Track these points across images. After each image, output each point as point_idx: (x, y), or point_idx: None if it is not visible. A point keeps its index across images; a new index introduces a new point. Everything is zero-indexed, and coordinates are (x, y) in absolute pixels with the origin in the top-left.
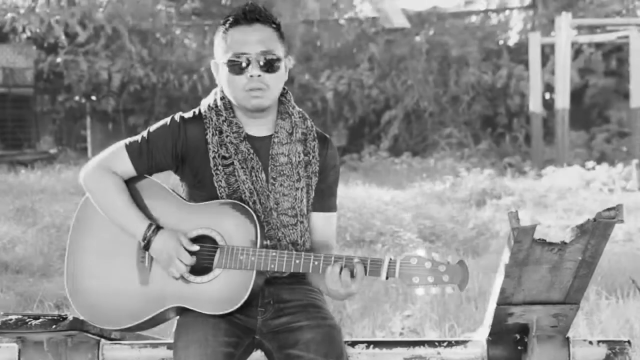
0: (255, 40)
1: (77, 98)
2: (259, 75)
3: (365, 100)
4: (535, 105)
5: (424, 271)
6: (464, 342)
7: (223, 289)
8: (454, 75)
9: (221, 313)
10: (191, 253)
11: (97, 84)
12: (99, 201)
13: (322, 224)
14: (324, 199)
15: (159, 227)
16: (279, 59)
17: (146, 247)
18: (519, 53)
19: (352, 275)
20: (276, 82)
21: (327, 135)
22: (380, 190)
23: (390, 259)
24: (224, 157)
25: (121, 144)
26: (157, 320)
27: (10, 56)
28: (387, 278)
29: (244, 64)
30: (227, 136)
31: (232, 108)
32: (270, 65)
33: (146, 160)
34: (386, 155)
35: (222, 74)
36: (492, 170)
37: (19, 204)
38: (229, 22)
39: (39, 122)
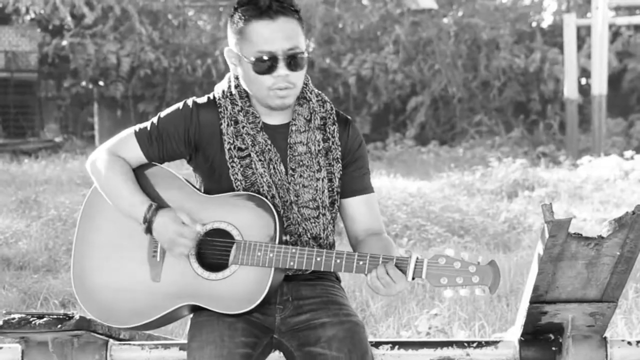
0: (281, 37)
1: (83, 83)
2: (286, 75)
3: (389, 86)
4: (570, 90)
5: (452, 272)
6: (494, 343)
7: (239, 287)
8: (484, 59)
9: (237, 312)
10: (202, 244)
11: (105, 69)
12: (103, 186)
13: (363, 209)
14: (357, 182)
15: (158, 207)
16: (303, 53)
17: (148, 229)
18: (553, 35)
19: (389, 274)
20: (301, 77)
21: (348, 117)
22: (406, 181)
23: (417, 259)
24: (240, 149)
25: (130, 130)
26: (168, 319)
27: (13, 39)
28: (413, 278)
29: (271, 64)
30: (243, 127)
31: (248, 96)
32: (296, 63)
33: (156, 148)
34: (412, 144)
35: (245, 71)
36: (524, 159)
37: (22, 195)
38: (249, 12)
39: (43, 109)
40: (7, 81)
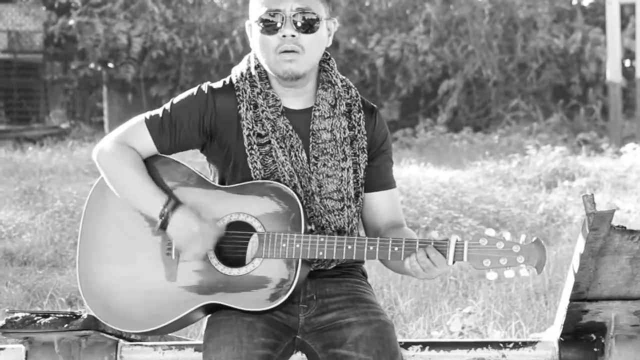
0: None
1: (92, 65)
2: (293, 36)
3: (420, 68)
4: (613, 73)
5: (495, 252)
6: (532, 344)
7: (263, 283)
8: (520, 39)
9: (262, 309)
10: (221, 248)
11: (115, 50)
12: (111, 179)
13: (387, 203)
14: (382, 176)
15: (178, 203)
16: (318, 19)
17: (163, 224)
18: (595, 14)
19: (429, 258)
20: (313, 45)
21: (374, 105)
22: (437, 171)
23: (457, 240)
24: (259, 135)
25: (140, 118)
26: (185, 322)
27: (17, 18)
28: (454, 262)
29: (278, 23)
30: (262, 111)
31: (268, 78)
32: (307, 25)
33: (169, 137)
34: (444, 131)
35: (254, 35)
36: (564, 147)
37: (26, 185)
38: None
39: (48, 93)
40: (10, 63)
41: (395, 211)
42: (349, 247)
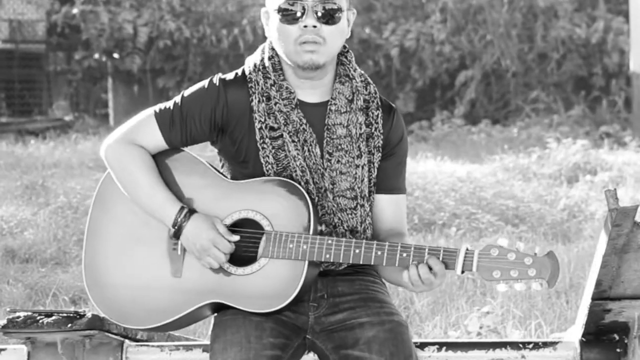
0: None
1: (96, 56)
2: (315, 27)
3: (436, 59)
4: (636, 64)
5: (506, 264)
6: (553, 344)
7: (269, 282)
8: (540, 28)
9: (266, 311)
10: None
11: (120, 40)
12: (121, 180)
13: (390, 209)
14: (391, 179)
15: (192, 211)
16: (340, 9)
17: (177, 234)
18: (618, 2)
19: (432, 271)
20: (335, 36)
21: (393, 104)
22: (454, 165)
23: (467, 249)
24: (272, 128)
25: (150, 111)
26: (190, 319)
27: (18, 6)
28: (462, 272)
29: (298, 13)
30: (275, 103)
31: (283, 69)
32: (329, 16)
33: (179, 131)
34: (461, 123)
35: (272, 24)
36: (585, 140)
37: (28, 180)
38: None
39: (51, 84)
40: (11, 53)
41: (398, 219)
42: (357, 251)
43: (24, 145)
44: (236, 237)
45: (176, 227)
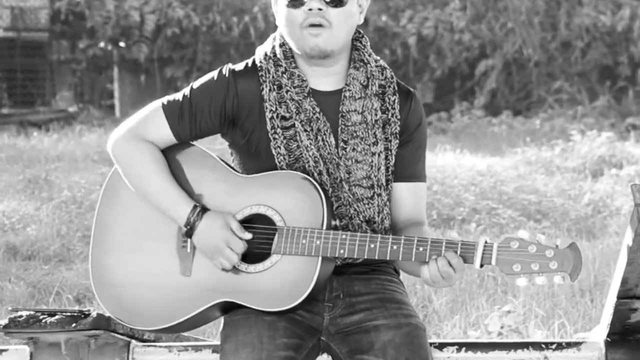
0: None
1: (101, 44)
2: (320, 9)
3: (455, 48)
4: None
5: (527, 257)
6: (577, 344)
7: (282, 280)
8: (564, 16)
9: (279, 309)
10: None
11: (127, 27)
12: (130, 177)
13: (409, 197)
14: (409, 166)
15: (204, 209)
16: None
17: (189, 233)
18: None
19: (451, 265)
20: (342, 20)
21: (411, 89)
22: (474, 158)
23: (486, 242)
24: (283, 118)
25: (157, 104)
26: (200, 320)
27: None
28: (481, 266)
29: None
30: (287, 91)
31: (294, 57)
32: None
33: (188, 125)
34: (481, 115)
35: (280, 10)
36: (611, 132)
37: (30, 174)
38: None
39: (55, 74)
40: (13, 42)
41: (417, 208)
42: (372, 245)
43: (26, 137)
44: (249, 235)
45: (189, 227)
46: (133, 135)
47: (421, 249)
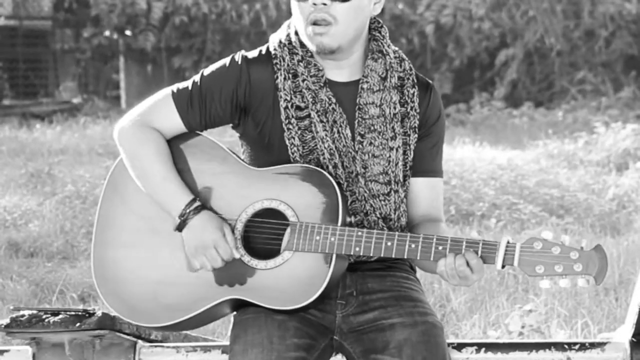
0: None
1: (107, 33)
2: (324, 4)
3: (475, 36)
4: None
5: (550, 258)
6: (601, 345)
7: (293, 278)
8: (588, 3)
9: (290, 308)
10: (249, 238)
11: (133, 16)
12: (132, 165)
13: (426, 193)
14: (426, 160)
15: (203, 207)
16: None
17: (180, 226)
18: None
19: (469, 265)
20: (350, 15)
21: (430, 81)
22: (494, 151)
23: (508, 242)
24: (298, 108)
25: (167, 91)
26: (207, 317)
27: None
28: (503, 267)
29: None
30: (303, 80)
31: None
32: None
33: (198, 113)
34: (501, 106)
35: (292, 3)
36: (636, 124)
37: (33, 167)
38: None
39: (58, 63)
40: (15, 30)
41: (434, 204)
42: (389, 243)
43: (28, 129)
44: (238, 255)
45: (182, 218)
46: (140, 122)
47: (440, 248)
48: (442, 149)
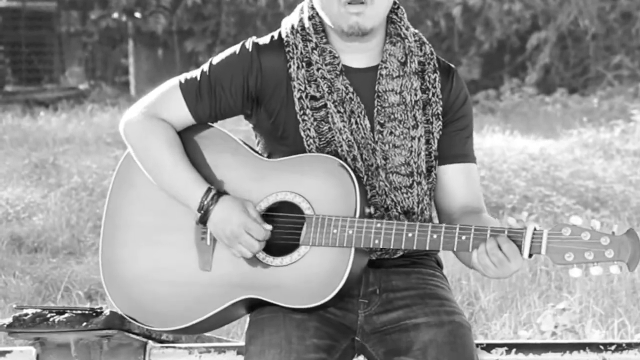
0: None
1: (115, 15)
2: None
3: (505, 19)
4: None
5: (580, 245)
6: (638, 345)
7: (310, 274)
8: None
9: (309, 307)
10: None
11: None
12: (142, 159)
13: (461, 180)
14: (457, 146)
15: (220, 193)
16: None
17: (203, 219)
18: None
19: (501, 249)
20: None
21: (452, 65)
22: (526, 140)
23: (535, 229)
24: (313, 98)
25: (174, 82)
26: (222, 319)
27: None
28: (530, 256)
29: None
30: (318, 69)
31: (325, 30)
32: None
33: (208, 104)
34: (533, 92)
35: None
36: None
37: (37, 158)
38: None
39: (64, 47)
40: (18, 12)
41: (473, 192)
42: (409, 234)
43: (32, 117)
44: (269, 226)
45: (202, 212)
46: (147, 114)
47: (464, 237)
48: (471, 134)
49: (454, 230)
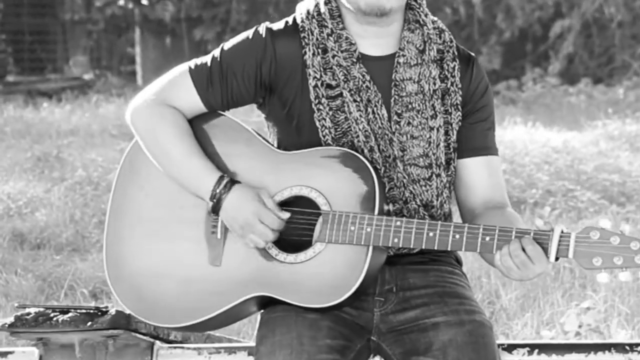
0: None
1: (121, 2)
2: None
3: (527, 6)
4: None
5: (609, 250)
6: None
7: (326, 272)
8: None
9: (323, 306)
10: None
11: None
12: (150, 147)
13: (483, 173)
14: (478, 138)
15: (233, 181)
16: None
17: (215, 208)
18: None
19: (525, 252)
20: None
21: (472, 54)
22: (549, 132)
23: (562, 232)
24: (329, 86)
25: (184, 68)
26: (232, 317)
27: None
28: (557, 259)
29: None
30: (333, 56)
31: (342, 16)
32: None
33: (219, 91)
34: (556, 83)
35: None
36: None
37: (39, 150)
38: None
39: (68, 36)
40: None
41: (495, 186)
42: (430, 234)
43: (35, 108)
44: (286, 214)
45: (215, 200)
46: (155, 101)
47: (487, 238)
48: (493, 126)
49: (478, 231)
